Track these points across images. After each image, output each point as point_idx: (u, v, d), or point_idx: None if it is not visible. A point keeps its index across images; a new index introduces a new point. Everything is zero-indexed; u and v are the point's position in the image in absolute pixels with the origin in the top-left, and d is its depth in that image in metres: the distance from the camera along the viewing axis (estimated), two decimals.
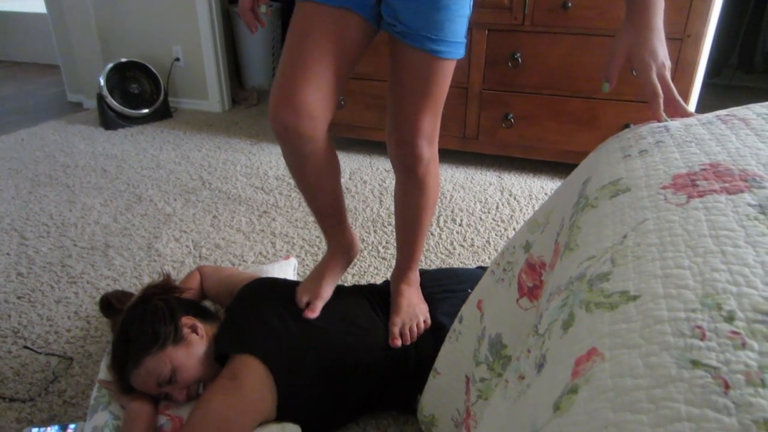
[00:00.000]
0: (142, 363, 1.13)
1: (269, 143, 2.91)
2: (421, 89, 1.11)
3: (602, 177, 0.74)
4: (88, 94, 3.51)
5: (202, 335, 1.21)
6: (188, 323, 1.21)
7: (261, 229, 2.03)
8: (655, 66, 0.85)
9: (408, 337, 1.23)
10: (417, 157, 1.18)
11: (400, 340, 1.22)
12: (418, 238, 1.33)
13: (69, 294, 1.65)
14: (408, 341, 1.23)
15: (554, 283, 0.59)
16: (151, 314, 1.19)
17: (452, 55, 1.08)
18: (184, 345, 1.17)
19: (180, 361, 1.14)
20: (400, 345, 1.22)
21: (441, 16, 1.03)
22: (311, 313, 1.23)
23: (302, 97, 1.02)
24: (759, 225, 0.47)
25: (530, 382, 0.44)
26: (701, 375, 0.33)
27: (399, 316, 1.27)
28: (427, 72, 1.08)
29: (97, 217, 2.13)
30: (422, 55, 1.06)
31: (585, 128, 2.35)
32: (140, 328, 1.16)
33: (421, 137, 1.16)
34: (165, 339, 1.15)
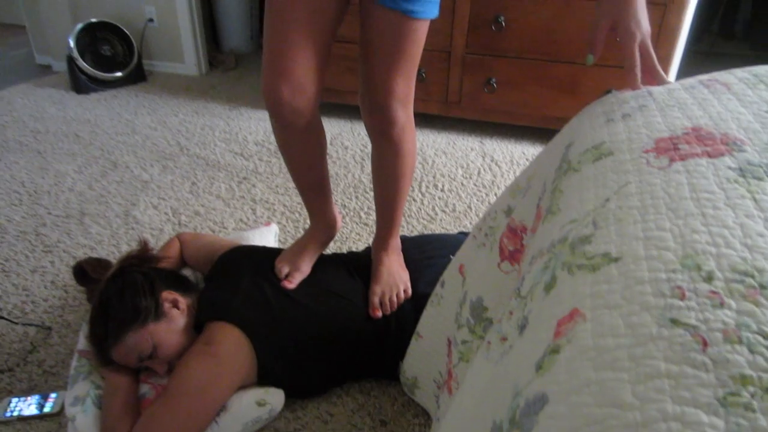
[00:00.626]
0: (122, 339, 1.12)
1: (248, 108, 2.86)
2: (394, 51, 1.08)
3: (585, 141, 0.74)
4: (57, 56, 3.39)
5: (183, 309, 1.20)
6: (169, 298, 1.19)
7: (241, 195, 2.01)
8: (639, 35, 0.85)
9: (388, 307, 1.24)
10: (391, 121, 1.16)
11: (380, 310, 1.23)
12: (397, 205, 1.31)
13: (45, 263, 1.63)
14: (388, 311, 1.23)
15: (536, 246, 0.59)
16: (131, 288, 1.17)
17: (426, 14, 1.06)
18: (165, 320, 1.16)
19: (161, 337, 1.13)
20: (380, 315, 1.22)
21: None
22: (289, 284, 1.24)
23: (295, 73, 1.01)
24: (739, 187, 0.47)
25: (512, 344, 0.44)
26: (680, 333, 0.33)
27: (379, 285, 1.27)
28: (400, 33, 1.06)
29: (72, 184, 2.08)
30: (396, 15, 1.04)
31: (567, 94, 2.35)
32: (120, 304, 1.14)
33: (394, 100, 1.13)
34: (146, 315, 1.13)
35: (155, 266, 1.29)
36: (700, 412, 0.29)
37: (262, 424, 1.14)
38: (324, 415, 1.17)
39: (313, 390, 1.21)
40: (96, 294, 1.19)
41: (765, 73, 0.79)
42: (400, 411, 1.19)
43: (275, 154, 2.33)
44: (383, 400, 1.21)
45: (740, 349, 0.31)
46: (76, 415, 1.09)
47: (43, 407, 1.17)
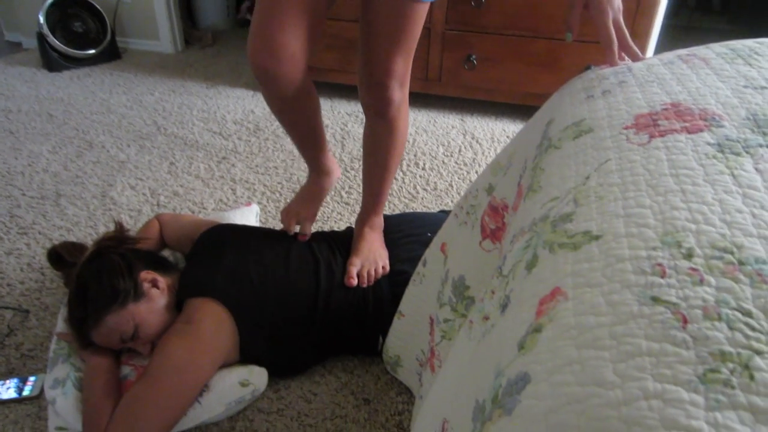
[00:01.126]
0: (103, 321, 1.10)
1: (226, 86, 2.81)
2: (395, 32, 1.09)
3: (565, 118, 0.74)
4: (27, 32, 3.29)
5: (163, 288, 1.19)
6: (148, 278, 1.18)
7: (220, 175, 1.98)
8: (612, 12, 0.87)
9: (365, 279, 1.25)
10: (388, 100, 1.18)
11: (356, 279, 1.24)
12: (385, 182, 1.33)
13: (20, 245, 1.60)
14: (365, 283, 1.24)
15: (517, 224, 0.59)
16: (108, 270, 1.15)
17: None
18: (146, 300, 1.14)
19: (142, 318, 1.12)
20: (354, 284, 1.23)
21: None
22: (303, 237, 1.31)
23: (281, 41, 1.00)
24: (717, 163, 0.47)
25: (494, 323, 0.44)
26: (661, 311, 0.33)
27: (358, 257, 1.28)
28: (403, 16, 1.07)
29: (46, 164, 2.04)
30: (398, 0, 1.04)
31: (547, 69, 2.35)
32: (98, 286, 1.12)
33: (393, 79, 1.15)
34: (125, 296, 1.12)
35: (132, 247, 1.27)
36: (680, 390, 0.29)
37: (245, 404, 1.14)
38: (307, 395, 1.18)
39: (295, 367, 1.21)
40: (73, 277, 1.17)
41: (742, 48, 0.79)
42: (383, 389, 1.20)
43: (254, 133, 2.30)
44: (366, 379, 1.22)
45: (719, 325, 0.31)
46: (56, 398, 1.07)
47: (22, 390, 1.16)
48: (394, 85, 1.16)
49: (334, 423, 1.12)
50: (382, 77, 1.15)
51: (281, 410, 1.14)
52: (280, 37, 1.00)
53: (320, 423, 1.12)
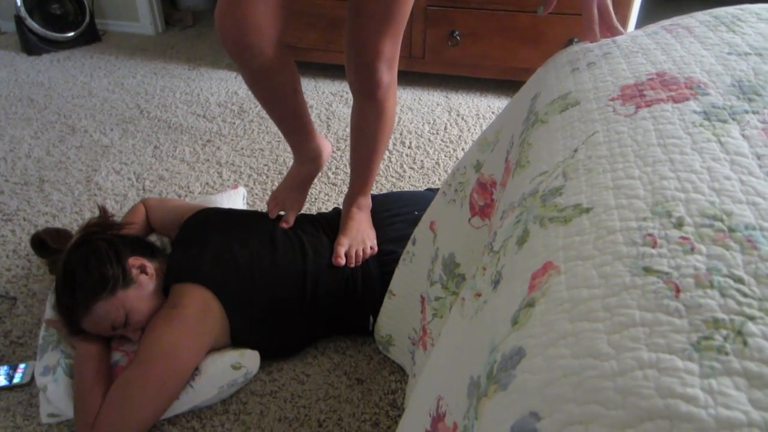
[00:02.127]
0: (92, 309, 1.09)
1: (209, 68, 2.77)
2: (383, 12, 1.07)
3: (551, 92, 0.74)
4: (4, 15, 3.21)
5: (151, 274, 1.18)
6: (136, 264, 1.17)
7: (206, 158, 1.96)
8: None
9: (353, 260, 1.25)
10: (377, 82, 1.16)
11: (344, 259, 1.23)
12: (374, 163, 1.32)
13: (5, 232, 1.57)
14: (353, 263, 1.24)
15: (507, 200, 0.59)
16: (96, 257, 1.13)
17: None
18: (134, 287, 1.13)
19: (132, 304, 1.11)
20: (342, 264, 1.23)
21: None
22: (285, 224, 1.29)
23: (246, 10, 0.96)
24: (704, 131, 0.47)
25: (487, 299, 0.44)
26: (653, 281, 0.33)
27: (346, 237, 1.28)
28: None
29: (28, 150, 2.00)
30: None
31: (530, 44, 2.33)
32: (86, 273, 1.11)
33: (381, 61, 1.13)
34: (114, 283, 1.11)
35: (118, 233, 1.25)
36: (675, 358, 0.29)
37: (237, 387, 1.14)
38: (300, 376, 1.18)
39: (287, 348, 1.22)
40: (59, 265, 1.16)
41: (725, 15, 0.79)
42: (375, 368, 1.20)
43: (239, 115, 2.27)
44: (359, 359, 1.22)
45: (712, 293, 0.32)
46: (47, 385, 1.07)
47: (12, 378, 1.15)
48: (383, 68, 1.15)
49: (327, 403, 1.13)
50: (371, 60, 1.13)
51: (274, 392, 1.15)
52: (246, 7, 0.96)
53: (314, 404, 1.13)
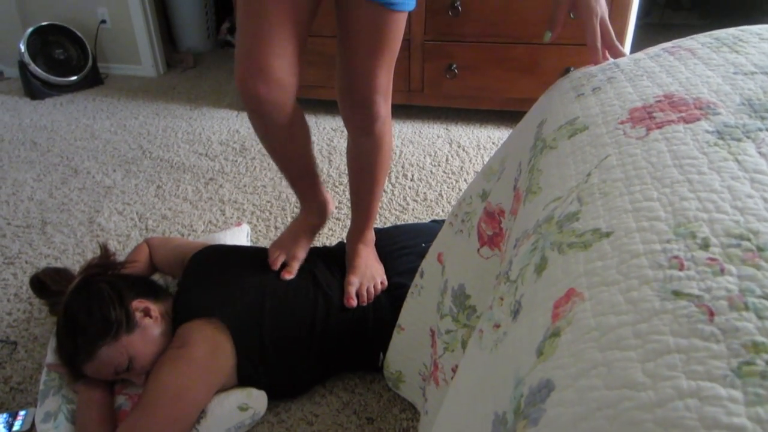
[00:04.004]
0: (95, 355, 1.06)
1: (210, 107, 2.79)
2: (376, 44, 1.07)
3: (557, 118, 0.73)
4: (8, 62, 3.26)
5: (156, 317, 1.15)
6: (140, 307, 1.14)
7: (209, 197, 1.95)
8: (599, 10, 0.87)
9: (365, 298, 1.22)
10: (374, 116, 1.15)
11: (355, 300, 1.21)
12: (374, 197, 1.30)
13: (7, 275, 1.56)
14: (365, 302, 1.22)
15: (520, 227, 0.58)
16: (98, 300, 1.11)
17: (405, 6, 1.05)
18: (139, 331, 1.11)
19: (136, 349, 1.09)
20: (355, 305, 1.20)
21: None
22: (288, 274, 1.23)
23: (271, 67, 0.98)
24: (720, 150, 0.46)
25: (507, 330, 0.43)
26: (684, 305, 0.32)
27: (356, 275, 1.25)
28: (380, 26, 1.05)
29: (31, 192, 2.00)
30: (375, 8, 1.03)
31: (528, 74, 2.36)
32: (88, 318, 1.08)
33: (378, 94, 1.12)
34: (117, 327, 1.08)
35: (120, 273, 1.24)
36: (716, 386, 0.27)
37: (245, 429, 1.11)
38: (309, 416, 1.15)
39: (296, 388, 1.19)
40: (61, 308, 1.13)
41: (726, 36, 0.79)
42: (386, 407, 1.17)
43: (240, 153, 2.28)
44: (368, 397, 1.19)
45: (748, 315, 0.30)
46: None
47: (11, 426, 1.12)
48: (379, 100, 1.13)
49: None
50: (367, 93, 1.12)
51: None
52: (270, 62, 0.98)
53: None
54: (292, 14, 0.99)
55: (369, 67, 1.09)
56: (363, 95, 1.12)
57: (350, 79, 1.12)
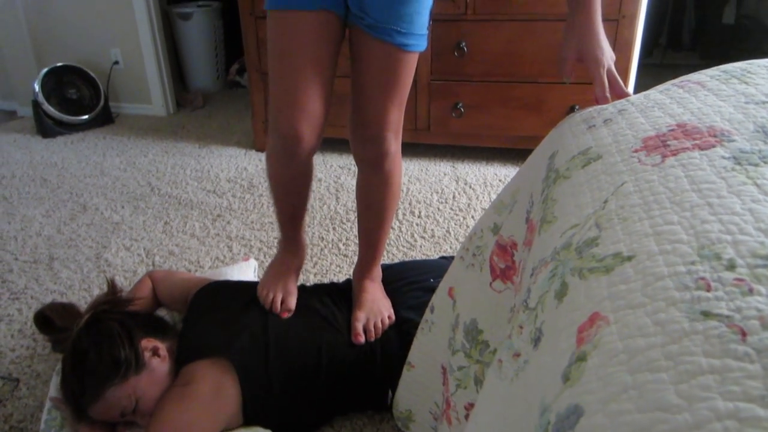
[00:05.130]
0: (102, 396, 1.04)
1: (218, 146, 2.82)
2: (388, 83, 1.09)
3: (570, 149, 0.74)
4: (22, 101, 3.32)
5: (164, 356, 1.13)
6: (149, 346, 1.12)
7: (216, 233, 1.96)
8: (606, 61, 0.90)
9: (372, 334, 1.20)
10: (385, 152, 1.16)
11: (363, 336, 1.19)
12: (382, 233, 1.30)
13: (12, 311, 1.55)
14: (372, 338, 1.20)
15: (536, 257, 0.57)
16: (107, 339, 1.08)
17: (418, 47, 1.09)
18: (147, 372, 1.08)
19: (144, 390, 1.06)
20: (363, 341, 1.18)
21: (410, 8, 1.03)
22: (288, 312, 1.22)
23: (314, 111, 1.05)
24: (738, 175, 0.46)
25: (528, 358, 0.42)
26: (715, 325, 0.31)
27: (362, 311, 1.24)
28: (395, 65, 1.08)
29: (39, 228, 2.01)
30: (390, 48, 1.05)
31: (533, 113, 2.38)
32: (97, 357, 1.06)
33: (389, 131, 1.14)
34: (127, 368, 1.05)
35: (129, 310, 1.22)
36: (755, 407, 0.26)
37: None
38: None
39: (303, 427, 1.16)
40: (69, 345, 1.11)
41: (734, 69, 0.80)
42: None
43: (248, 190, 2.29)
44: None
45: None
46: None
47: None
48: (389, 137, 1.15)
49: None
50: (379, 130, 1.14)
51: None
52: (308, 102, 1.04)
53: None
54: (323, 53, 1.04)
55: (380, 105, 1.11)
56: (374, 131, 1.14)
57: (362, 115, 1.14)
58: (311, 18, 1.02)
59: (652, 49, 4.05)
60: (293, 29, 1.03)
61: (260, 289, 1.26)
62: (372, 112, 1.12)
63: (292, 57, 1.03)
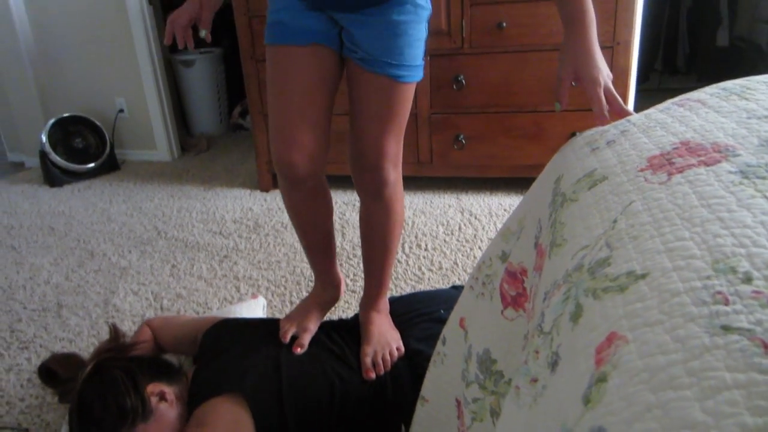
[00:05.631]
0: None
1: (223, 187, 2.85)
2: (385, 114, 1.11)
3: (575, 172, 0.74)
4: (29, 152, 3.37)
5: (171, 401, 1.12)
6: (155, 391, 1.11)
7: (223, 274, 1.95)
8: (602, 80, 0.91)
9: (381, 367, 1.19)
10: (383, 181, 1.17)
11: (374, 372, 1.18)
12: (387, 264, 1.30)
13: (21, 360, 1.54)
14: (381, 371, 1.18)
15: (548, 280, 0.57)
16: (113, 388, 1.07)
17: (413, 78, 1.10)
18: (155, 418, 1.07)
19: None
20: (374, 377, 1.17)
21: (400, 41, 1.05)
22: (300, 348, 1.21)
23: (305, 140, 1.07)
24: (746, 189, 0.46)
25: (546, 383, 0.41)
26: (736, 339, 0.30)
27: (370, 345, 1.22)
28: (389, 96, 1.09)
29: (48, 276, 2.01)
30: (384, 80, 1.07)
31: (534, 141, 2.40)
32: (103, 408, 1.04)
33: (386, 160, 1.15)
34: (134, 417, 1.04)
35: (133, 355, 1.21)
36: None
37: None
38: None
39: None
40: (74, 396, 1.09)
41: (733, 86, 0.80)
42: None
43: (254, 230, 2.30)
44: None
45: None
46: None
47: None
48: (388, 167, 1.16)
49: None
50: (377, 160, 1.15)
51: None
52: (303, 136, 1.07)
53: None
54: (319, 86, 1.07)
55: (378, 135, 1.12)
56: (373, 162, 1.15)
57: (360, 145, 1.15)
58: (305, 53, 1.05)
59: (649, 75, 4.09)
60: (287, 64, 1.06)
61: (282, 321, 1.28)
62: (369, 143, 1.14)
63: (286, 90, 1.07)
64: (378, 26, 1.03)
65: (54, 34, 3.22)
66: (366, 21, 1.03)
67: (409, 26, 1.05)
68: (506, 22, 2.22)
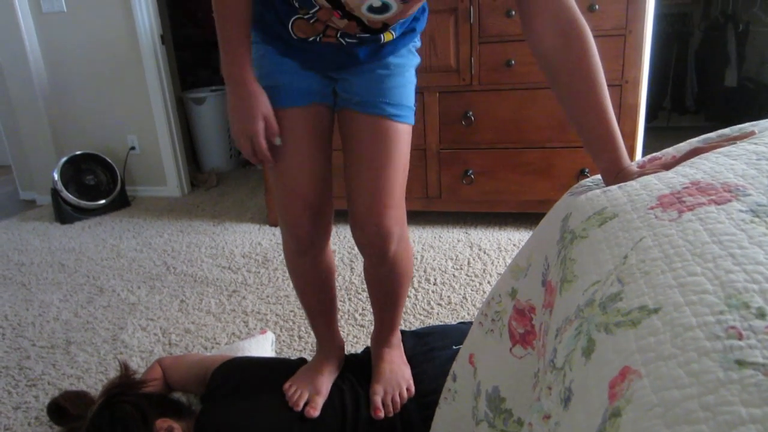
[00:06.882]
0: None
1: (232, 223, 2.87)
2: (382, 159, 1.06)
3: (584, 210, 0.74)
4: (41, 190, 3.42)
5: None
6: (164, 426, 1.11)
7: (232, 309, 1.95)
8: None
9: (391, 408, 1.17)
10: (386, 236, 1.09)
11: (383, 411, 1.16)
12: (397, 311, 1.27)
13: (29, 398, 1.53)
14: (391, 413, 1.17)
15: (559, 316, 0.57)
16: (122, 423, 1.07)
17: (407, 119, 1.09)
18: None
19: None
20: (383, 416, 1.15)
21: (394, 82, 1.06)
22: (314, 411, 1.15)
23: (312, 199, 1.08)
24: (757, 227, 0.46)
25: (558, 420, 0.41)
26: (751, 374, 0.31)
27: (380, 384, 1.21)
28: (385, 138, 1.06)
29: (57, 313, 2.02)
30: (380, 121, 1.06)
31: (543, 177, 2.41)
32: None
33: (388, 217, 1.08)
34: None
35: (142, 392, 1.20)
36: None
37: None
38: None
39: None
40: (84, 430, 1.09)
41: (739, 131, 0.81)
42: None
43: (263, 264, 2.30)
44: None
45: None
46: None
47: None
48: (390, 223, 1.08)
49: None
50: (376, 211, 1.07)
51: None
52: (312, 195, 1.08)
53: None
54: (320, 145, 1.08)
55: (377, 183, 1.06)
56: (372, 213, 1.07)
57: (358, 197, 1.08)
58: (304, 113, 1.05)
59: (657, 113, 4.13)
60: (288, 126, 1.03)
61: (287, 386, 1.21)
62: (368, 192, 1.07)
63: (289, 154, 1.05)
64: (375, 70, 1.05)
65: (67, 73, 3.31)
66: (363, 69, 1.05)
67: (404, 69, 1.07)
68: (514, 60, 2.27)
